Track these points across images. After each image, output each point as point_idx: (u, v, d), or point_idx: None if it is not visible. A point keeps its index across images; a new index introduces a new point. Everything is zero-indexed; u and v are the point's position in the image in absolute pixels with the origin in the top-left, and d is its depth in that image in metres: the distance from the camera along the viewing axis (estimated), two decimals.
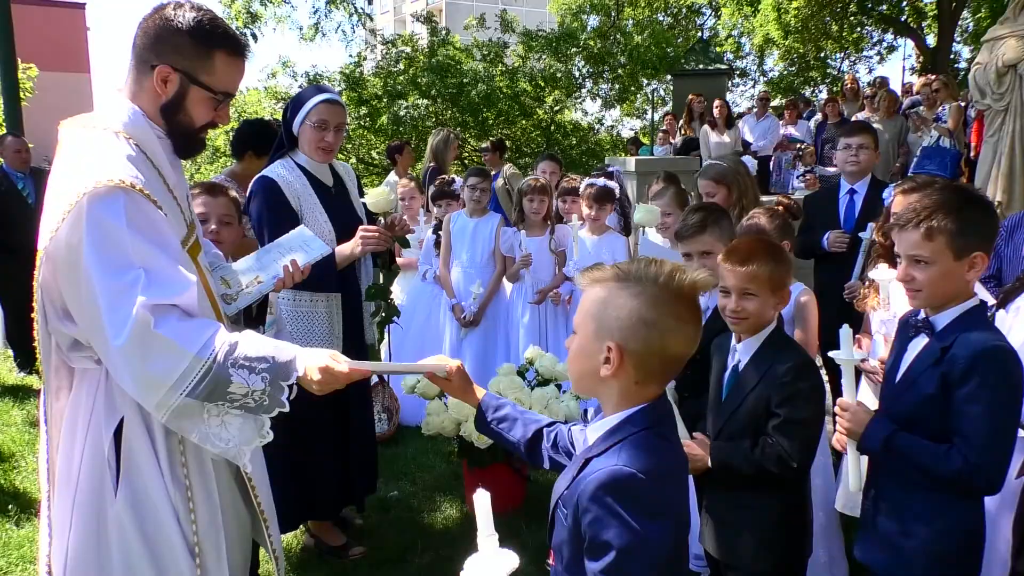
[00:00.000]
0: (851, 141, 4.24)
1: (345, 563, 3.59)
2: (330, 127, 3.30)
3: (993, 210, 2.09)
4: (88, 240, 1.76)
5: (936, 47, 18.98)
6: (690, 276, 1.45)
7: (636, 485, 1.35)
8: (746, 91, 27.83)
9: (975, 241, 2.00)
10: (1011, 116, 5.39)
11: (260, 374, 1.84)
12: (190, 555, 2.01)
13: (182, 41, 1.95)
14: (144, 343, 1.77)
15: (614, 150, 17.84)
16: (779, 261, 2.30)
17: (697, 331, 1.47)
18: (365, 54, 17.11)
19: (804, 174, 9.43)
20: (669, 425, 1.52)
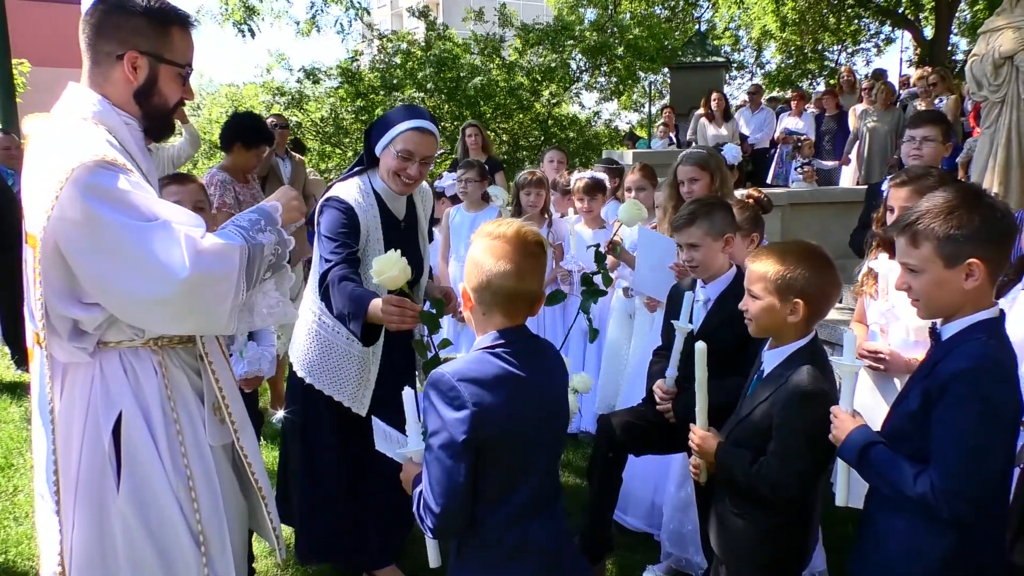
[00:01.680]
0: (916, 133, 3.92)
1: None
2: (415, 159, 2.87)
3: (995, 208, 1.85)
4: (99, 208, 1.77)
5: (933, 39, 18.92)
6: (515, 227, 1.85)
7: (442, 382, 1.76)
8: (743, 84, 27.79)
9: (968, 247, 1.81)
10: (1008, 107, 5.36)
11: (266, 229, 2.01)
12: (195, 544, 2.02)
13: (140, 23, 1.97)
14: (203, 257, 1.83)
15: (612, 143, 17.82)
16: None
17: (521, 271, 1.81)
18: (362, 49, 17.09)
19: (802, 166, 9.42)
20: (521, 350, 1.85)
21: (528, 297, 1.86)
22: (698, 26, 21.77)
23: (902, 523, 1.90)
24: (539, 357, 1.91)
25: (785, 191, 7.84)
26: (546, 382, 1.90)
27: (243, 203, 4.61)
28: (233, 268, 1.89)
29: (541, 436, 1.88)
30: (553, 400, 1.94)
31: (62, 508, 1.94)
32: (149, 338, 2.00)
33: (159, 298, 1.83)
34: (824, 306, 2.23)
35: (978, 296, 1.86)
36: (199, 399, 2.11)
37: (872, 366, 2.90)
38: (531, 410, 1.83)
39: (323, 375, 3.04)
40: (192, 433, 2.05)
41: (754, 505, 2.23)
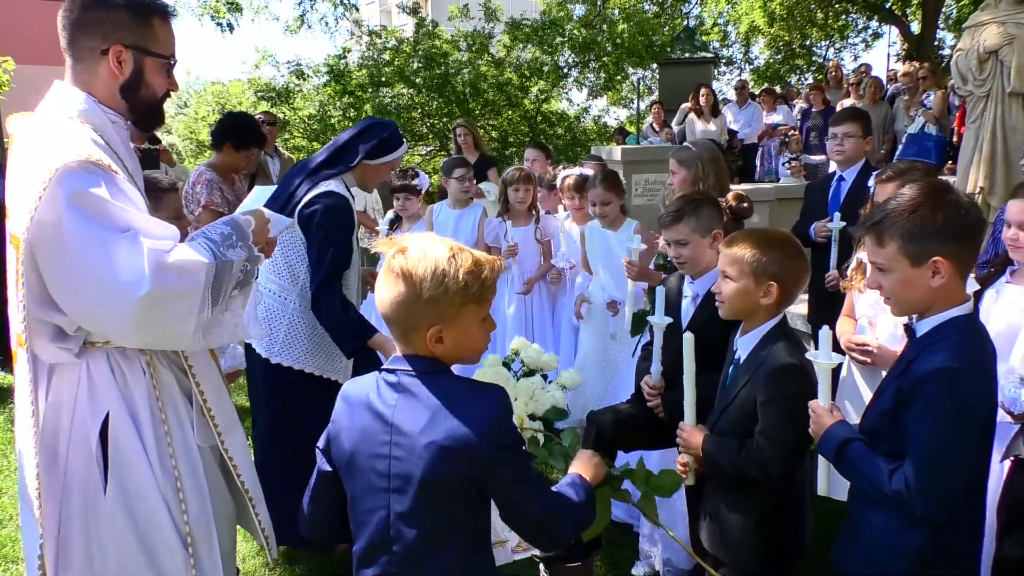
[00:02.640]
0: (836, 130, 4.25)
1: (332, 557, 3.58)
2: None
3: (959, 205, 1.85)
4: (72, 214, 1.76)
5: (920, 34, 19.01)
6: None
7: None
8: (732, 79, 27.84)
9: (933, 245, 1.81)
10: (992, 102, 5.39)
11: (237, 245, 1.99)
12: (183, 546, 2.02)
13: (121, 17, 1.96)
14: (164, 274, 1.81)
15: (601, 140, 17.82)
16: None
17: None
18: (350, 46, 17.03)
19: (789, 161, 9.46)
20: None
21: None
22: (686, 21, 21.82)
23: (880, 519, 1.91)
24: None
25: (773, 186, 7.87)
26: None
27: (231, 203, 4.59)
28: (198, 285, 1.87)
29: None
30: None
31: (44, 511, 1.92)
32: None
33: (118, 312, 1.81)
34: (795, 290, 2.31)
35: (948, 293, 1.85)
36: (187, 399, 2.10)
37: (859, 360, 2.91)
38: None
39: (316, 357, 3.23)
40: (180, 433, 2.04)
41: (745, 494, 2.25)
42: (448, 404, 1.64)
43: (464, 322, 1.67)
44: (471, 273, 1.63)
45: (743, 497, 2.27)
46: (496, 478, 1.65)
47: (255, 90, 15.56)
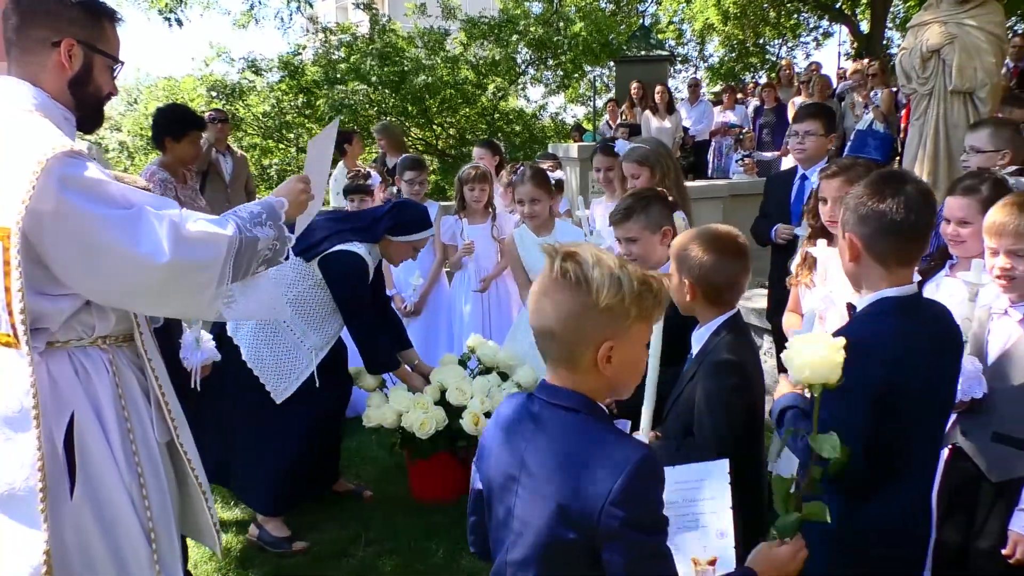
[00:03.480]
0: (798, 128, 4.16)
1: (286, 559, 3.55)
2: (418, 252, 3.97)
3: (905, 195, 1.92)
4: (76, 200, 1.79)
5: (869, 33, 19.41)
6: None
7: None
8: (688, 77, 28.13)
9: (851, 221, 1.96)
10: (935, 100, 5.53)
11: (267, 224, 2.05)
12: (147, 542, 2.04)
13: (75, 14, 1.99)
14: (184, 244, 1.87)
15: (559, 137, 17.87)
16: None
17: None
18: (304, 43, 16.80)
19: (743, 158, 9.60)
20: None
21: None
22: (642, 20, 21.96)
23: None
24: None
25: (726, 182, 7.98)
26: None
27: (184, 204, 4.50)
28: (218, 256, 1.93)
29: None
30: None
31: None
32: (97, 336, 2.02)
33: (141, 284, 1.88)
34: (719, 291, 2.25)
35: (867, 272, 1.96)
36: (145, 397, 2.13)
37: None
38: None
39: (269, 374, 3.56)
40: (142, 431, 2.07)
41: None
42: (579, 455, 1.43)
43: (634, 340, 1.49)
44: (644, 284, 1.46)
45: None
46: (609, 558, 1.41)
47: (208, 86, 15.26)
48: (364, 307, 3.75)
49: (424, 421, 3.75)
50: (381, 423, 3.90)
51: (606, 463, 1.40)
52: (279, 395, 3.55)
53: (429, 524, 3.79)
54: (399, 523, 3.83)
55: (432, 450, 3.85)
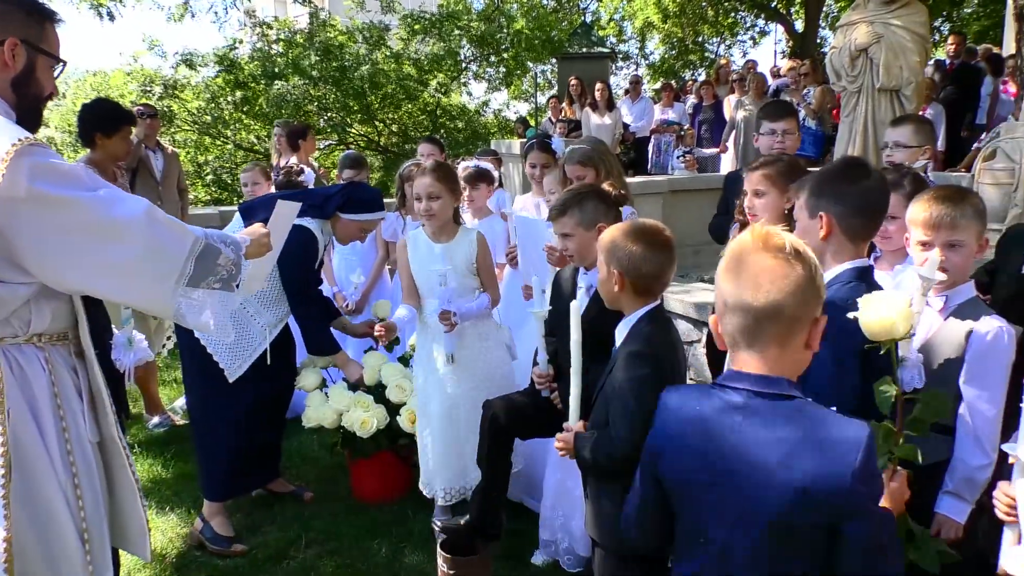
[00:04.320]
0: (775, 126, 3.94)
1: (224, 563, 3.48)
2: (368, 233, 3.97)
3: (866, 180, 2.16)
4: (43, 185, 1.81)
5: (804, 32, 19.89)
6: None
7: None
8: (629, 74, 28.43)
9: (824, 202, 2.13)
10: (864, 97, 5.70)
11: (230, 246, 2.12)
12: (80, 542, 2.03)
13: (17, 12, 2.01)
14: (158, 225, 1.94)
15: (502, 133, 17.87)
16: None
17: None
18: (242, 37, 16.45)
19: (683, 155, 9.75)
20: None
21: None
22: (583, 17, 22.12)
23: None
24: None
25: (666, 178, 8.08)
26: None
27: None
28: (184, 249, 1.98)
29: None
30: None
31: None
32: (33, 333, 2.01)
33: (117, 258, 1.90)
34: (648, 282, 2.31)
35: (837, 248, 2.14)
36: (79, 395, 2.12)
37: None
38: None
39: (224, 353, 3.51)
40: (75, 429, 2.06)
41: (609, 481, 2.31)
42: (812, 439, 1.44)
43: (820, 322, 1.52)
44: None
45: (609, 481, 2.33)
46: (853, 533, 1.43)
47: (139, 81, 14.81)
48: (312, 285, 3.73)
49: (365, 420, 3.71)
50: (321, 423, 3.85)
51: (843, 443, 1.42)
52: (232, 373, 3.49)
53: (372, 523, 3.76)
54: (341, 523, 3.79)
55: (373, 449, 3.81)
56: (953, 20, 21.68)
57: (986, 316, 2.20)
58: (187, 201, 6.63)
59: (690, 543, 1.60)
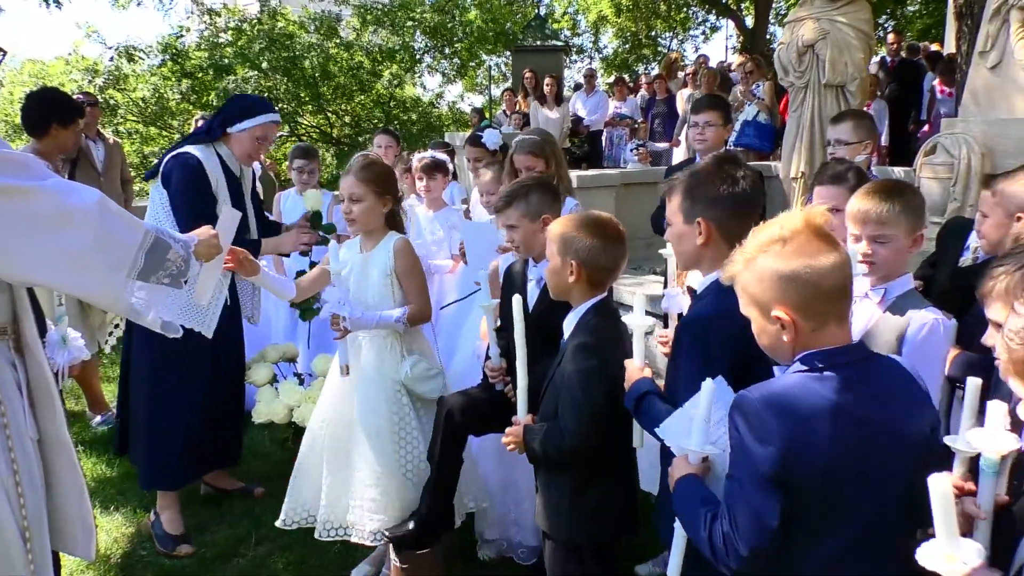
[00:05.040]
0: (697, 119, 4.11)
1: (171, 564, 3.41)
2: (267, 143, 3.74)
3: (736, 178, 2.05)
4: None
5: (754, 28, 20.20)
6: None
7: (748, 407, 1.61)
8: (583, 67, 28.54)
9: (700, 207, 2.03)
10: (811, 92, 5.81)
11: (179, 243, 2.11)
12: (22, 540, 1.98)
13: None
14: (109, 215, 1.92)
15: (456, 126, 17.81)
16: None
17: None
18: (189, 25, 16.06)
19: (637, 148, 9.83)
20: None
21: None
22: (537, 9, 22.13)
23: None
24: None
25: (618, 171, 8.14)
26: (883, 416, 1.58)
27: None
28: (135, 240, 1.96)
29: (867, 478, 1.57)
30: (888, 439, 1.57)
31: None
32: None
33: (71, 246, 1.87)
34: (603, 274, 2.35)
35: (715, 254, 2.01)
36: (19, 391, 2.06)
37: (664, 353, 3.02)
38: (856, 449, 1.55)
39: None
40: (16, 426, 2.01)
41: (558, 472, 2.34)
42: (912, 387, 1.63)
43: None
44: None
45: (558, 472, 2.35)
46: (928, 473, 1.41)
47: (80, 70, 14.36)
48: (202, 217, 3.09)
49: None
50: (272, 418, 3.80)
51: (923, 391, 1.64)
52: (208, 328, 3.16)
53: None
54: None
55: None
56: (897, 18, 22.24)
57: (923, 308, 2.26)
58: (132, 192, 6.46)
59: (829, 523, 1.57)
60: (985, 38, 4.66)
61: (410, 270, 3.14)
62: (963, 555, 1.24)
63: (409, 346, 3.19)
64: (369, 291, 3.15)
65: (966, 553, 1.25)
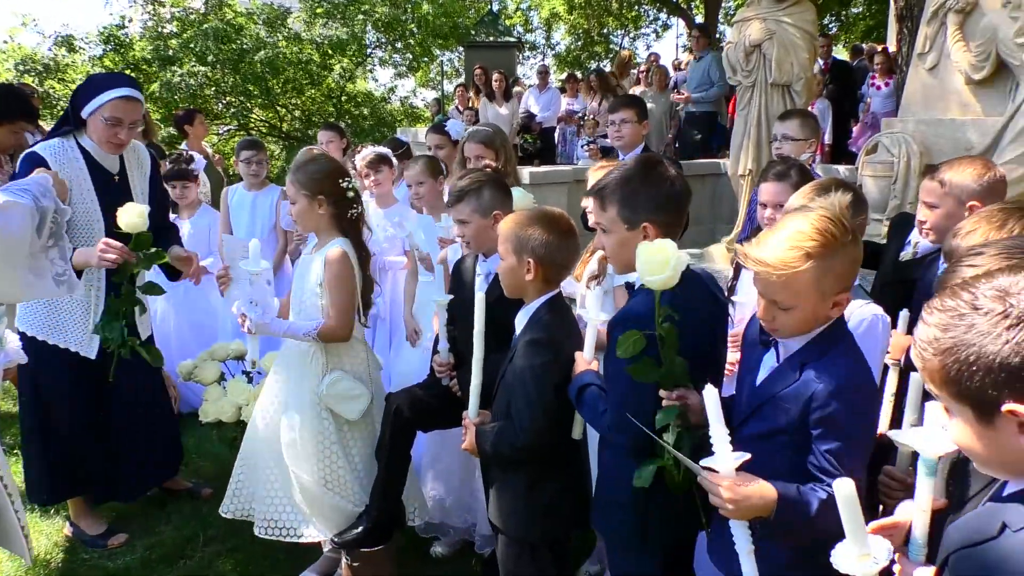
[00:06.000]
0: (614, 117, 4.34)
1: (116, 564, 3.34)
2: (124, 124, 3.20)
3: (667, 177, 2.10)
4: None
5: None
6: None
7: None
8: (536, 64, 28.63)
9: (643, 212, 2.05)
10: (758, 91, 5.94)
11: (46, 195, 2.04)
12: None
13: None
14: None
15: (409, 121, 17.70)
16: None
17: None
18: (131, 15, 15.64)
19: (588, 144, 9.88)
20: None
21: None
22: (490, 5, 22.11)
23: (609, 455, 2.13)
24: None
25: (571, 168, 8.19)
26: None
27: None
28: (28, 227, 1.92)
29: None
30: None
31: None
32: None
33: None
34: (559, 270, 2.38)
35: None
36: None
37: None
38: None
39: (50, 327, 3.26)
40: None
41: (512, 469, 2.35)
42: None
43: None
44: None
45: (512, 470, 2.36)
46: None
47: (16, 61, 13.87)
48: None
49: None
50: (220, 417, 3.72)
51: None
52: (89, 350, 3.25)
53: None
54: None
55: None
56: (841, 20, 22.77)
57: (863, 303, 2.31)
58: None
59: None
60: (924, 40, 4.81)
61: (335, 283, 2.89)
62: (874, 553, 1.27)
63: (336, 361, 3.00)
64: (305, 295, 3.00)
65: (877, 551, 1.28)
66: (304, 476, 2.93)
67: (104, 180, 3.27)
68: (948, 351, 1.07)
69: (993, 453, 1.10)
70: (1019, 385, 1.01)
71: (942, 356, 1.08)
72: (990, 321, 1.04)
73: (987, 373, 1.03)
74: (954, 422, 1.14)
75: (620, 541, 2.20)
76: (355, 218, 3.00)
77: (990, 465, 1.15)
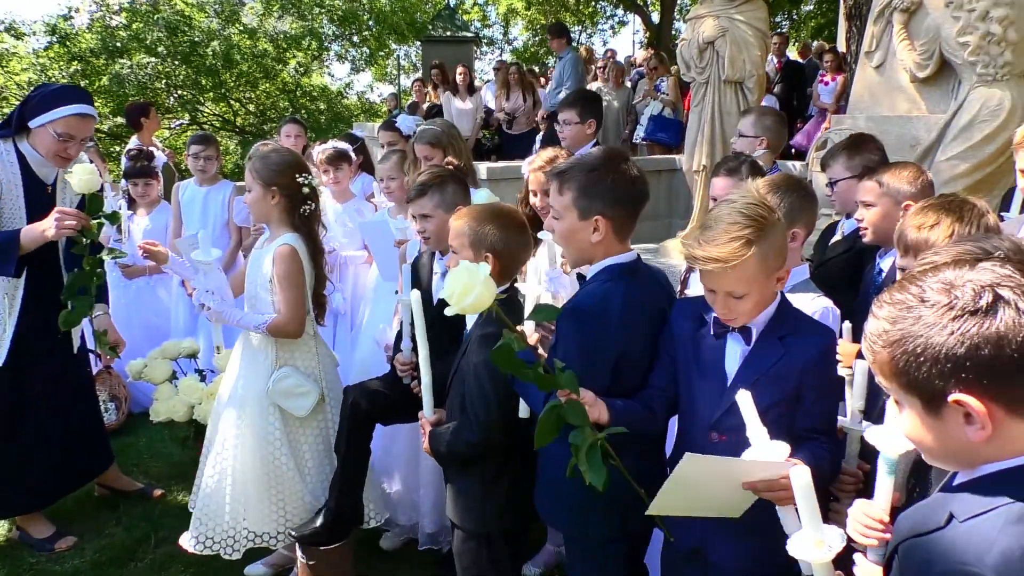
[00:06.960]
0: (560, 117, 4.26)
1: (64, 567, 3.26)
2: (76, 140, 3.18)
3: (627, 174, 2.07)
4: None
5: (660, 23, 20.66)
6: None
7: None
8: (494, 59, 28.60)
9: (598, 205, 2.03)
10: (711, 88, 6.00)
11: None
12: None
13: None
14: None
15: (366, 116, 17.54)
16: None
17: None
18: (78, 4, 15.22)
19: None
20: None
21: None
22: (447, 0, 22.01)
23: (555, 446, 2.07)
24: None
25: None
26: None
27: None
28: None
29: None
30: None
31: None
32: None
33: None
34: (514, 263, 2.40)
35: (607, 248, 2.08)
36: None
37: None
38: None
39: None
40: None
41: (470, 466, 2.35)
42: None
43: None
44: None
45: (469, 466, 2.36)
46: None
47: None
48: None
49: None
50: (171, 416, 3.65)
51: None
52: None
53: None
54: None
55: None
56: (793, 18, 23.15)
57: (814, 297, 2.37)
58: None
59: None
60: (870, 39, 4.90)
61: (284, 279, 2.85)
62: (828, 540, 1.31)
63: (287, 357, 2.96)
64: (257, 287, 2.96)
65: (830, 538, 1.32)
66: (246, 472, 2.89)
67: (36, 189, 3.21)
68: (897, 343, 1.09)
69: (941, 444, 1.12)
70: (964, 375, 1.03)
71: (891, 348, 1.10)
72: (936, 313, 1.06)
73: (934, 364, 1.05)
74: (904, 414, 1.16)
75: (564, 517, 2.23)
76: (308, 214, 2.95)
77: (939, 457, 1.17)
